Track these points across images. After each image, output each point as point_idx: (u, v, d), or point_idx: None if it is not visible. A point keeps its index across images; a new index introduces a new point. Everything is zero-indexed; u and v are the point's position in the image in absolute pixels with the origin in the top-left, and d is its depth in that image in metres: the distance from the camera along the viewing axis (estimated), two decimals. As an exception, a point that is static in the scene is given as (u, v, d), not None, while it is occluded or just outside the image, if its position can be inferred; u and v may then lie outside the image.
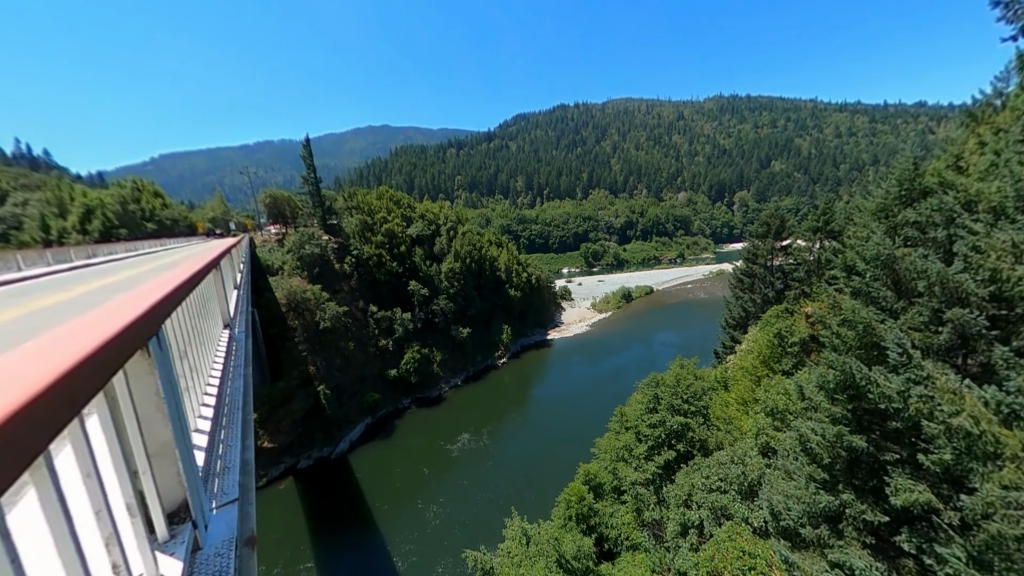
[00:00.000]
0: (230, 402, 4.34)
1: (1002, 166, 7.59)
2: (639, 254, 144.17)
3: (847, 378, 8.75)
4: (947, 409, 5.78)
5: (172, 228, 39.61)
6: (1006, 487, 6.55)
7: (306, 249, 45.96)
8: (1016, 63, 6.42)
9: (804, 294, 24.76)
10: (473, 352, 55.59)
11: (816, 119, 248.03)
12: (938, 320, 7.92)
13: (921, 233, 9.06)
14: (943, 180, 8.30)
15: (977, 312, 7.42)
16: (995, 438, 5.33)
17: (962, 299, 7.51)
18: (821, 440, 10.33)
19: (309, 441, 38.42)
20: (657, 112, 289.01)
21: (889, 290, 8.89)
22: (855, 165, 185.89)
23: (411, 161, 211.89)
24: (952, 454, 6.05)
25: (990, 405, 5.46)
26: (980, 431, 5.40)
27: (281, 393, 38.14)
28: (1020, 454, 5.13)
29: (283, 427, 37.51)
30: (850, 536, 10.10)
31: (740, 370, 22.94)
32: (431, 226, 61.05)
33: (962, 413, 5.50)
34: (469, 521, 29.66)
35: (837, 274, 12.93)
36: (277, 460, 36.11)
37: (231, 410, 4.25)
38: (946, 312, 7.50)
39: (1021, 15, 4.40)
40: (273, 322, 40.97)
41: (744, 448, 16.96)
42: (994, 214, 7.27)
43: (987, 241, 5.87)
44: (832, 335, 9.74)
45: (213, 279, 6.56)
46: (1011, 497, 6.41)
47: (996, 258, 5.60)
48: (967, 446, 5.69)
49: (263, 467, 35.02)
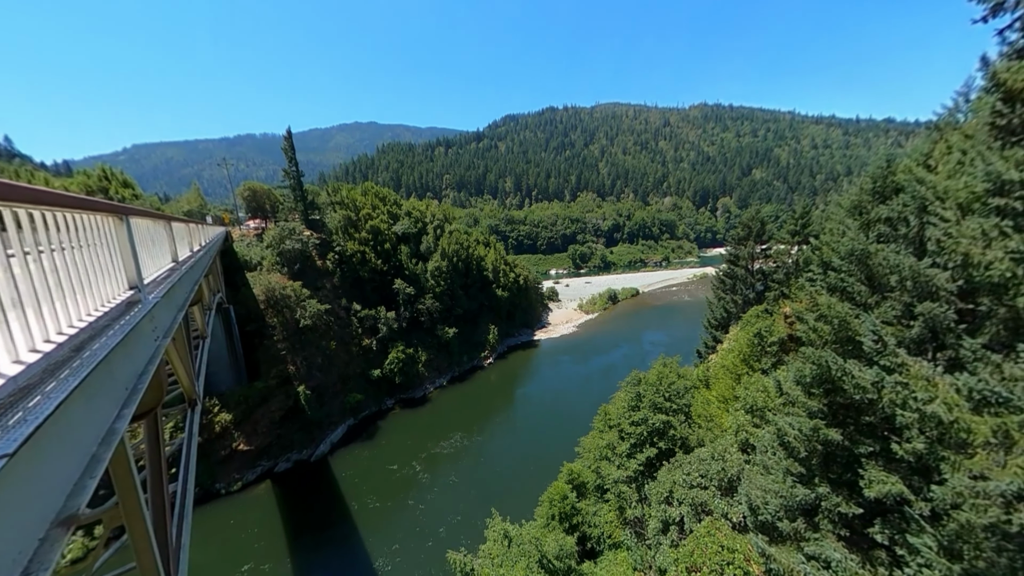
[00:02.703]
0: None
1: (968, 164, 7.77)
2: (626, 256, 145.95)
3: (823, 372, 8.86)
4: (921, 396, 5.85)
5: (143, 220, 37.90)
6: (974, 477, 6.67)
7: (287, 244, 44.71)
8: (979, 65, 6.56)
9: (783, 295, 25.31)
10: (459, 352, 55.06)
11: (794, 130, 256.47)
12: (910, 314, 8.08)
13: (894, 229, 9.26)
14: (915, 176, 8.50)
15: (946, 306, 7.58)
16: (966, 425, 5.40)
17: (932, 293, 7.67)
18: (798, 434, 10.46)
19: (288, 443, 37.24)
20: (644, 118, 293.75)
21: (863, 285, 9.06)
22: (830, 175, 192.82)
23: (399, 159, 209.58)
24: (925, 443, 6.12)
25: (962, 392, 5.54)
26: (953, 418, 5.47)
27: (259, 393, 36.89)
28: (991, 440, 5.21)
29: (260, 428, 36.27)
30: (826, 529, 10.23)
31: (721, 368, 23.25)
32: (418, 224, 60.29)
33: (936, 400, 5.56)
34: (455, 521, 29.25)
35: (814, 272, 13.19)
36: (254, 463, 34.86)
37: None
38: (917, 306, 7.64)
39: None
40: (250, 319, 39.65)
41: (724, 444, 17.13)
42: (961, 210, 7.45)
43: (958, 229, 5.99)
44: (809, 330, 9.87)
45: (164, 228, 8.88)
46: (979, 487, 6.53)
47: (967, 244, 5.71)
48: (939, 435, 5.76)
49: (238, 470, 33.76)
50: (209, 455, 32.45)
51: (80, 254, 3.92)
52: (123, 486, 5.90)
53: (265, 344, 39.87)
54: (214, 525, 28.96)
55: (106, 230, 4.70)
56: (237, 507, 31.06)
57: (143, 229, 6.87)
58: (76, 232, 3.86)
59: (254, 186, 56.84)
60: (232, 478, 33.21)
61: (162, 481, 7.93)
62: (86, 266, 4.06)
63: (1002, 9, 4.63)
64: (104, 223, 4.64)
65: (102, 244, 4.57)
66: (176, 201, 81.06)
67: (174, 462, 11.19)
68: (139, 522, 6.31)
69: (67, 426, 2.71)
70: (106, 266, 4.64)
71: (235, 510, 30.72)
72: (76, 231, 3.86)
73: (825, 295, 9.68)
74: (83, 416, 3.00)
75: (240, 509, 30.87)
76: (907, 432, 6.56)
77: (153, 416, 7.32)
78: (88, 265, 4.12)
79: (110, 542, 19.26)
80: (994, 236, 5.23)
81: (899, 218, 8.80)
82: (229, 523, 29.38)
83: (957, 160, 8.71)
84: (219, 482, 32.51)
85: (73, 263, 3.73)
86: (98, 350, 3.35)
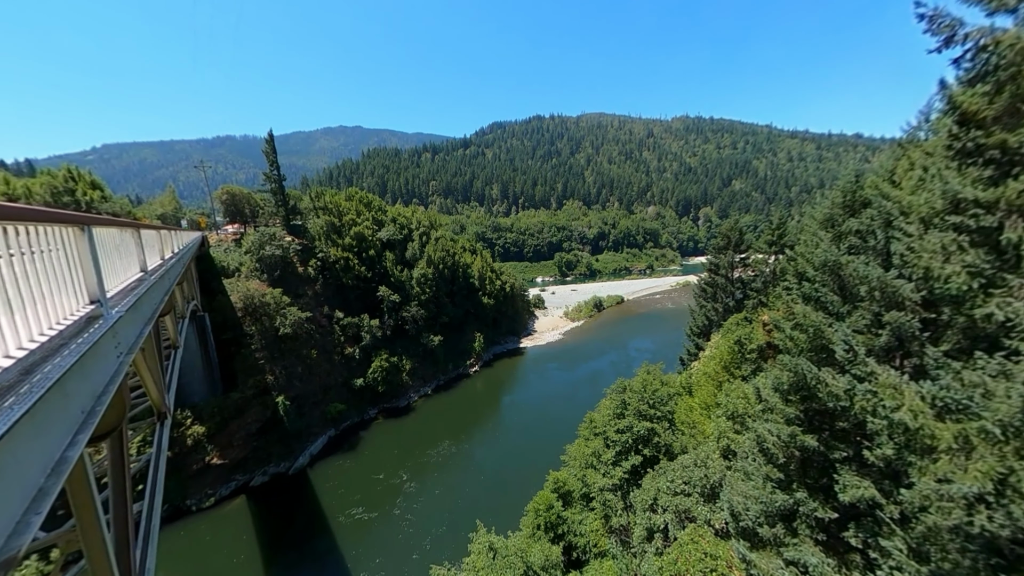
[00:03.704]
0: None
1: (929, 180, 8.20)
2: (611, 264, 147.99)
3: (799, 379, 9.13)
4: (889, 404, 6.08)
5: (114, 224, 36.36)
6: (940, 480, 6.95)
7: (266, 250, 43.60)
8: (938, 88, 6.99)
9: (761, 303, 26.07)
10: (444, 360, 54.46)
11: (771, 143, 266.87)
12: (878, 323, 8.43)
13: (863, 241, 9.69)
14: (881, 192, 8.95)
15: (911, 315, 7.94)
16: (931, 432, 5.64)
17: (899, 303, 8.03)
18: (776, 440, 10.70)
19: (265, 456, 35.91)
20: (629, 128, 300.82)
21: (835, 295, 9.42)
22: (804, 187, 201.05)
23: (384, 164, 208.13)
24: (893, 449, 6.36)
25: (926, 399, 5.79)
26: (918, 425, 5.70)
27: (234, 404, 35.54)
28: (953, 446, 5.44)
29: (236, 441, 34.87)
30: (804, 534, 10.45)
31: (704, 375, 23.69)
32: (403, 230, 59.80)
33: (902, 408, 5.80)
34: (439, 532, 28.64)
35: (790, 281, 13.65)
36: (228, 477, 33.42)
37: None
38: (885, 315, 7.98)
39: (944, 28, 4.85)
40: (227, 327, 38.35)
41: (707, 451, 17.38)
42: (923, 224, 7.86)
43: (919, 243, 6.32)
44: (786, 338, 10.18)
45: (132, 236, 8.68)
46: (944, 490, 6.80)
47: (928, 258, 6.03)
48: (907, 440, 6.00)
49: (211, 485, 32.28)
50: (180, 470, 30.97)
51: (32, 267, 3.65)
52: (81, 507, 5.55)
53: (242, 353, 38.57)
54: (184, 544, 27.54)
55: (65, 241, 4.44)
56: (210, 524, 29.65)
57: (108, 239, 6.53)
58: (28, 244, 3.61)
59: (233, 189, 55.48)
60: (204, 493, 31.74)
61: (126, 500, 7.50)
62: (39, 280, 3.79)
63: (953, 41, 4.98)
64: (63, 234, 4.38)
65: (59, 257, 4.29)
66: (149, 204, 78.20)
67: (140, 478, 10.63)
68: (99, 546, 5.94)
69: (9, 459, 2.46)
70: (63, 280, 4.37)
71: (208, 527, 29.31)
72: (27, 243, 3.60)
73: (800, 304, 10.03)
74: (29, 446, 2.75)
75: (213, 526, 29.48)
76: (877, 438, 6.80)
77: (118, 433, 6.94)
78: (41, 280, 3.85)
79: (67, 567, 18.00)
80: (953, 250, 5.55)
81: (868, 230, 9.22)
82: (202, 541, 28.01)
83: (919, 176, 9.21)
84: (190, 498, 31.01)
85: (24, 277, 3.47)
86: (51, 372, 3.12)
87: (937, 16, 5.05)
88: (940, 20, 5.00)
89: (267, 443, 36.40)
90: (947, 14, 4.98)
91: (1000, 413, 6.07)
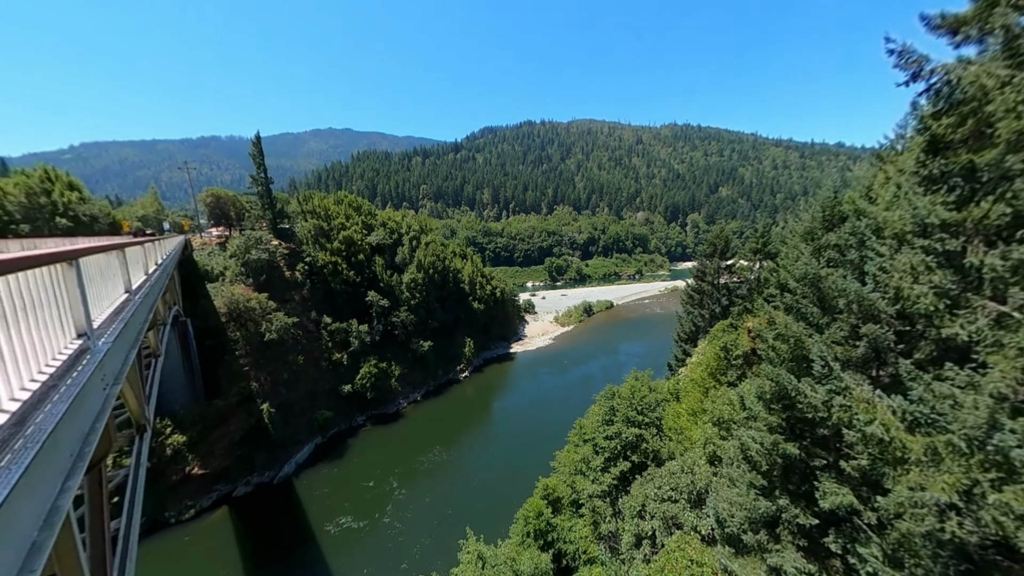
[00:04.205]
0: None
1: (902, 198, 8.56)
2: (600, 269, 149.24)
3: (781, 389, 9.38)
4: (862, 418, 6.31)
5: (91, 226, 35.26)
6: (912, 488, 7.21)
7: (252, 254, 42.84)
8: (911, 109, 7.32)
9: (746, 310, 26.62)
10: (434, 366, 54.08)
11: (756, 151, 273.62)
12: (856, 335, 8.74)
13: (841, 255, 10.05)
14: (857, 208, 9.31)
15: (887, 328, 8.26)
16: (902, 444, 5.87)
17: (875, 316, 8.34)
18: (760, 448, 10.94)
19: (248, 465, 35.04)
20: (618, 135, 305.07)
21: (815, 306, 9.74)
22: (789, 195, 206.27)
23: (374, 167, 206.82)
24: (868, 459, 6.59)
25: (897, 413, 6.04)
26: (890, 438, 5.93)
27: (217, 412, 34.67)
28: (923, 458, 5.68)
29: (218, 450, 33.96)
30: (786, 540, 10.67)
31: (691, 382, 24.03)
32: (393, 235, 59.42)
33: (875, 422, 6.03)
34: (429, 540, 28.30)
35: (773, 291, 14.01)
36: (209, 488, 32.49)
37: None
38: (862, 328, 8.28)
39: (911, 63, 5.13)
40: (210, 333, 37.46)
41: (693, 457, 17.61)
42: (897, 240, 8.20)
43: (891, 263, 6.61)
44: (768, 348, 10.45)
45: (117, 258, 8.33)
46: (917, 497, 7.05)
47: (899, 278, 6.31)
48: (880, 452, 6.23)
49: (191, 496, 31.33)
50: (158, 481, 30.00)
51: (22, 313, 3.43)
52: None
53: (226, 360, 37.69)
54: (163, 558, 26.64)
55: (54, 279, 4.21)
56: (190, 537, 28.76)
57: (93, 265, 6.29)
58: (18, 290, 3.38)
59: (218, 192, 54.51)
60: (184, 505, 30.79)
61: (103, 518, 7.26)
62: (28, 325, 3.56)
63: (920, 76, 5.28)
64: (51, 272, 4.15)
65: (48, 296, 4.05)
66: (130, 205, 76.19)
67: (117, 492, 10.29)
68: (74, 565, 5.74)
69: (2, 521, 2.29)
70: (51, 318, 4.14)
71: (187, 540, 28.42)
72: (17, 289, 3.37)
73: (782, 315, 10.32)
74: (22, 504, 2.56)
75: (193, 539, 28.60)
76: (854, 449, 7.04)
77: (98, 466, 6.71)
78: (31, 323, 3.62)
79: (37, 585, 17.14)
80: (921, 270, 5.82)
81: (845, 245, 9.56)
82: (181, 555, 27.12)
83: (893, 193, 9.60)
84: (169, 510, 30.04)
85: (14, 323, 3.26)
86: (43, 422, 2.95)
87: (905, 52, 5.34)
88: (908, 56, 5.30)
89: (251, 452, 35.55)
90: (914, 51, 5.29)
91: (968, 423, 6.36)
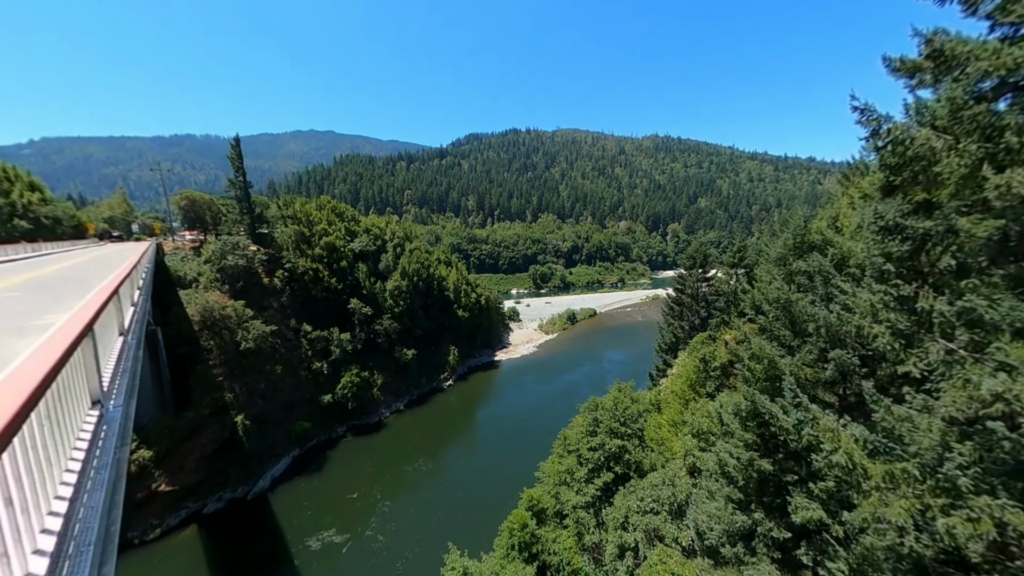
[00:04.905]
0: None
1: (865, 229, 9.20)
2: (584, 277, 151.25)
3: (756, 408, 9.86)
4: (828, 447, 6.76)
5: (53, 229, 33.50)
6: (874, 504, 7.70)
7: (229, 260, 41.49)
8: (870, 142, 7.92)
9: (724, 323, 27.61)
10: (418, 374, 53.41)
11: (733, 164, 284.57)
12: (824, 358, 9.30)
13: (810, 280, 10.69)
14: (825, 238, 9.96)
15: (851, 352, 8.84)
16: (864, 470, 6.32)
17: (841, 341, 8.91)
18: (737, 464, 11.41)
19: (221, 480, 33.59)
20: (602, 145, 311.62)
21: (787, 329, 10.31)
22: (764, 206, 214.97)
23: (357, 171, 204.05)
24: (834, 482, 7.04)
25: (859, 441, 6.51)
26: (854, 464, 6.38)
27: (187, 424, 33.16)
28: (882, 484, 6.13)
29: (188, 465, 32.43)
30: (761, 552, 11.12)
31: (671, 393, 24.67)
32: (377, 241, 58.68)
33: (839, 450, 6.47)
34: (413, 554, 27.76)
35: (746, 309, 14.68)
36: (178, 505, 30.93)
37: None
38: (830, 352, 8.83)
39: (871, 121, 5.67)
40: (182, 341, 35.97)
41: (674, 469, 18.08)
42: (861, 270, 8.83)
43: (853, 300, 7.15)
44: (744, 368, 10.96)
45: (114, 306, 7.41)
46: (879, 512, 7.55)
47: (860, 316, 6.84)
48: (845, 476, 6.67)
49: (157, 515, 29.74)
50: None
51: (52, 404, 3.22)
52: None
53: (198, 369, 36.20)
54: (124, 583, 25.16)
55: (76, 361, 3.98)
56: (155, 558, 27.29)
57: (100, 322, 5.98)
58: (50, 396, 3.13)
59: (193, 195, 52.63)
60: (149, 524, 29.21)
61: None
62: (57, 417, 3.30)
63: (878, 135, 5.85)
64: (78, 356, 3.94)
65: (72, 378, 3.83)
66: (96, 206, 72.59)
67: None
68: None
69: None
70: (72, 397, 3.89)
71: (152, 562, 26.95)
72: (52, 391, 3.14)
73: (757, 337, 10.87)
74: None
75: (160, 560, 27.15)
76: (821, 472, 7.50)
77: None
78: (59, 415, 3.35)
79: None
80: (880, 308, 6.34)
81: (815, 271, 10.20)
82: (144, 579, 25.70)
83: (857, 224, 10.30)
84: (132, 530, 28.42)
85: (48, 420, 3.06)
86: (87, 519, 2.74)
87: (867, 110, 5.88)
88: (869, 114, 5.83)
89: (224, 466, 34.10)
90: (874, 110, 5.84)
91: (924, 445, 6.89)
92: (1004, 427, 5.56)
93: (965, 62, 6.40)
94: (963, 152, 4.93)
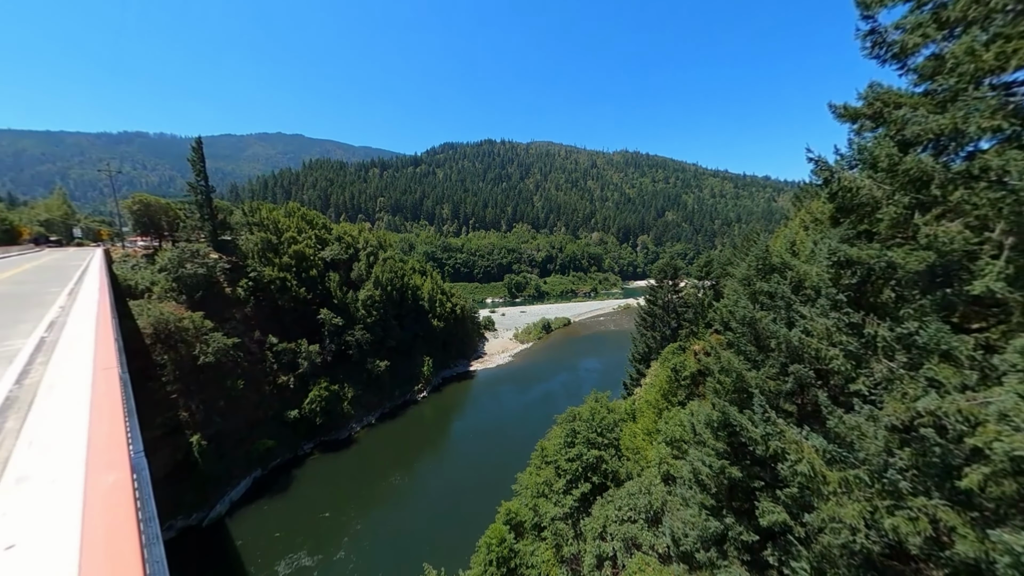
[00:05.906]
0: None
1: (818, 254, 10.18)
2: (558, 287, 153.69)
3: (726, 419, 10.58)
4: (792, 457, 7.46)
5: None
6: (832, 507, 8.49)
7: (187, 268, 39.08)
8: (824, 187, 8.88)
9: (693, 333, 29.08)
10: (391, 386, 52.05)
11: (697, 180, 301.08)
12: (785, 371, 10.16)
13: (771, 299, 11.68)
14: (783, 261, 10.97)
15: (808, 367, 9.73)
16: (823, 477, 7.03)
17: (799, 357, 9.79)
18: (709, 472, 12.09)
19: (173, 507, 31.09)
20: (575, 158, 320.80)
21: (752, 345, 11.18)
22: (725, 221, 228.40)
23: (328, 177, 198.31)
24: (798, 488, 7.74)
25: (819, 451, 7.24)
26: (815, 472, 7.08)
27: (137, 447, 30.57)
28: (838, 489, 6.85)
29: (135, 491, 29.82)
30: (732, 556, 11.79)
31: (645, 403, 25.55)
32: (349, 250, 57.19)
33: (803, 460, 7.17)
34: (387, 574, 26.71)
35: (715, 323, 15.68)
36: (121, 536, 28.27)
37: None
38: (790, 367, 9.69)
39: (823, 172, 6.53)
40: (131, 356, 33.23)
41: (649, 478, 18.72)
42: (815, 291, 9.79)
43: (812, 324, 8.00)
44: (715, 381, 11.73)
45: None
46: (835, 514, 8.33)
47: (817, 339, 7.67)
48: (807, 483, 7.36)
49: (98, 548, 27.04)
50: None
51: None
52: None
53: (149, 386, 33.56)
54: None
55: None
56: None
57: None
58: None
59: (147, 199, 49.20)
60: (89, 560, 26.50)
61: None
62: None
63: (830, 183, 6.73)
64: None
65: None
66: (31, 207, 66.21)
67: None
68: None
69: None
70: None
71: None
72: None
73: (726, 352, 11.69)
74: None
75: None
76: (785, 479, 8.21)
77: None
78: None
79: None
80: (835, 332, 7.18)
81: (776, 294, 11.17)
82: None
83: (811, 249, 11.39)
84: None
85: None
86: None
87: (820, 162, 6.74)
88: (822, 167, 6.68)
89: (176, 492, 31.62)
90: (826, 163, 6.70)
91: (871, 451, 7.73)
92: (935, 434, 6.41)
93: (897, 115, 7.46)
94: (897, 203, 5.80)
